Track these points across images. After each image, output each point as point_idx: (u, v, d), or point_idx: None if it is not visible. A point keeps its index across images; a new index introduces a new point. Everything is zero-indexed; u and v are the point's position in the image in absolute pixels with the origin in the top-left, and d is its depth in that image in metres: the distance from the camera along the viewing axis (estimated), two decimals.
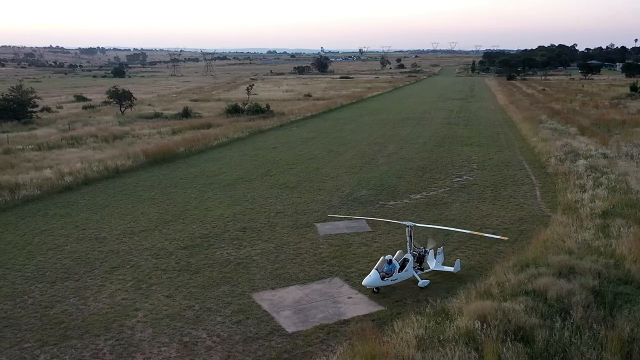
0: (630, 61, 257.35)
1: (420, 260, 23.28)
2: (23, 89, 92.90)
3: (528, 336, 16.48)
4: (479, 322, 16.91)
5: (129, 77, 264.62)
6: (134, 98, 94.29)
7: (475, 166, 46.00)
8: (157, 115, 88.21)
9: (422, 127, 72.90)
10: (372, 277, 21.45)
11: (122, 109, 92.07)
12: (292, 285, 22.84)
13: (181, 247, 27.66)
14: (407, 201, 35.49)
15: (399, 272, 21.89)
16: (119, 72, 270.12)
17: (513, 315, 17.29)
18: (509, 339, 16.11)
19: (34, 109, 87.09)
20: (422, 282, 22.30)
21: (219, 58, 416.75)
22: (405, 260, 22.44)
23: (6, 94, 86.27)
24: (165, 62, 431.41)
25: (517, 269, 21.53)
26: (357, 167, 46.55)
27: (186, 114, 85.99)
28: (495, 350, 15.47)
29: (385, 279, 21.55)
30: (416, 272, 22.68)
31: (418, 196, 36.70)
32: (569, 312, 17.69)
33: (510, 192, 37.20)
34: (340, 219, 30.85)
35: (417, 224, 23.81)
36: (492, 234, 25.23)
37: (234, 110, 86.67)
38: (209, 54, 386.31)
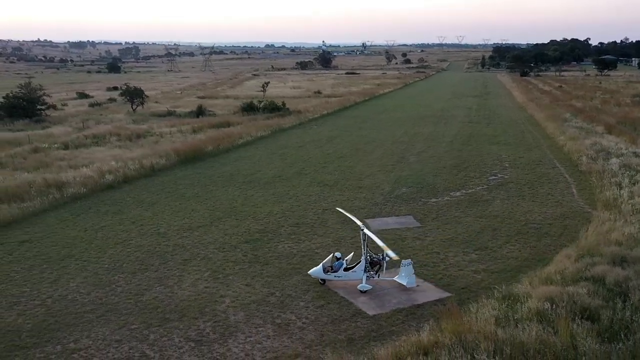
0: None
1: (374, 265, 24.22)
2: (32, 86, 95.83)
3: (593, 315, 19.46)
4: (548, 304, 19.89)
5: (125, 72, 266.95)
6: (145, 96, 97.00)
7: (507, 164, 48.98)
8: (170, 114, 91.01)
9: (443, 125, 75.87)
10: (316, 269, 24.33)
11: (134, 106, 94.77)
12: None
13: (242, 241, 30.56)
14: (448, 198, 38.44)
15: (344, 271, 24.12)
16: (113, 67, 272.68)
17: (578, 298, 20.30)
18: (577, 318, 19.08)
19: (43, 107, 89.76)
20: (361, 286, 23.65)
21: (215, 52, 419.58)
22: (359, 263, 24.24)
23: (16, 92, 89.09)
24: (159, 56, 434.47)
25: (573, 259, 24.51)
26: (390, 166, 49.48)
27: (200, 112, 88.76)
28: (567, 326, 18.40)
29: (329, 273, 24.07)
30: (368, 276, 23.88)
31: (458, 194, 39.66)
32: (628, 295, 20.69)
33: (547, 189, 40.18)
34: None
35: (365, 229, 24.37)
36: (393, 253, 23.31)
37: (250, 108, 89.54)
38: (207, 48, 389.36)
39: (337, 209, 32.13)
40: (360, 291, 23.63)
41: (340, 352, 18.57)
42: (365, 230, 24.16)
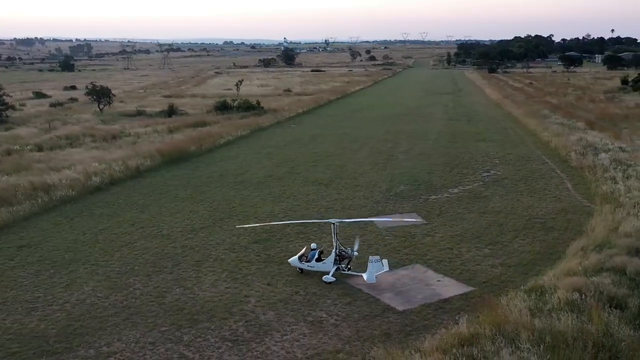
0: (610, 53, 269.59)
1: (343, 258, 25.63)
2: None
3: (621, 304, 20.73)
4: (577, 294, 21.06)
5: (79, 70, 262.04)
6: (112, 95, 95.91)
7: (497, 161, 50.56)
8: (139, 113, 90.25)
9: (424, 123, 77.39)
10: (293, 258, 26.39)
11: (101, 106, 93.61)
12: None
13: (251, 241, 31.00)
14: (448, 195, 39.61)
15: (316, 261, 25.74)
16: (67, 65, 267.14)
17: (604, 287, 21.56)
18: (606, 306, 20.29)
19: (2, 107, 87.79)
20: (326, 277, 25.22)
21: (172, 50, 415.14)
22: (330, 255, 25.83)
23: None
24: (113, 54, 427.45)
25: (588, 251, 25.85)
26: (381, 164, 50.47)
27: (172, 111, 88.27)
28: (599, 314, 19.56)
29: (303, 262, 25.95)
30: (337, 269, 25.43)
31: (456, 190, 40.88)
32: None
33: (543, 185, 41.76)
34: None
35: (342, 220, 26.83)
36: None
37: (223, 107, 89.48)
38: (166, 45, 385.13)
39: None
40: (325, 282, 25.05)
41: (381, 346, 19.27)
42: (336, 224, 25.78)
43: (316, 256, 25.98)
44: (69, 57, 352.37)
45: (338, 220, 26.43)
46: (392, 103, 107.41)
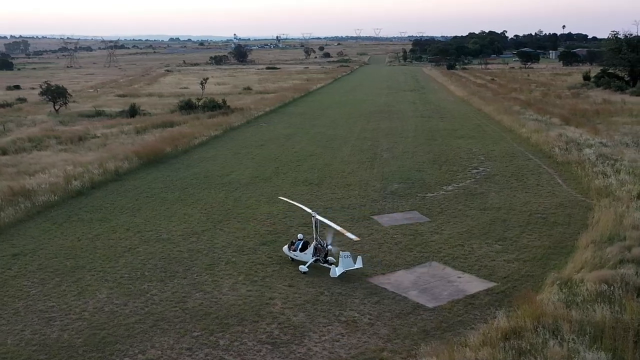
0: (565, 49, 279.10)
1: (319, 251, 27.18)
2: None
3: None
4: (605, 285, 22.21)
5: (19, 69, 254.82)
6: (69, 95, 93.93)
7: (482, 158, 52.05)
8: (99, 114, 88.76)
9: (398, 120, 78.71)
10: (285, 246, 28.79)
11: (56, 107, 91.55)
12: (398, 270, 27.27)
13: (259, 243, 31.23)
14: (444, 193, 40.67)
15: (300, 251, 27.69)
16: (5, 64, 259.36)
17: (630, 279, 22.79)
18: (635, 296, 21.48)
19: None
20: (301, 267, 27.14)
21: (116, 47, 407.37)
22: (312, 245, 27.41)
23: None
24: (53, 51, 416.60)
25: (600, 244, 27.16)
26: (367, 163, 51.27)
27: (134, 111, 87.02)
28: (631, 304, 20.71)
29: (290, 250, 28.13)
30: (316, 261, 27.05)
31: (450, 188, 41.99)
32: None
33: (534, 181, 43.30)
34: None
35: (317, 215, 27.91)
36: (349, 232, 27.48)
37: (188, 107, 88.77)
38: (111, 42, 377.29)
39: (280, 197, 35.54)
40: (300, 271, 26.93)
41: (428, 343, 19.92)
42: (318, 217, 27.57)
43: (300, 246, 27.82)
44: (5, 55, 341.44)
45: (317, 214, 27.98)
46: (358, 101, 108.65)
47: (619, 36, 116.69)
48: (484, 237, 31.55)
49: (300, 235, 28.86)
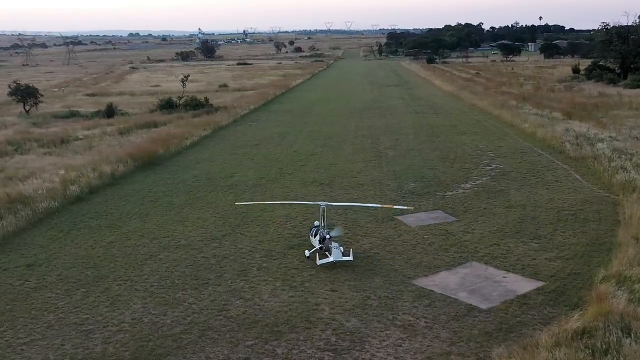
0: (545, 42, 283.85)
1: (322, 240, 29.13)
2: None
3: None
4: None
5: None
6: (40, 95, 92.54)
7: (492, 155, 52.86)
8: (73, 115, 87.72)
9: (392, 117, 79.37)
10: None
11: (27, 108, 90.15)
12: (440, 271, 27.65)
13: (287, 247, 31.33)
14: (463, 191, 41.24)
15: (313, 237, 30.25)
16: None
17: None
18: None
19: None
20: (306, 251, 29.87)
21: (74, 43, 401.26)
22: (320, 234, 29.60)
23: None
24: (5, 48, 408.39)
25: None
26: (374, 161, 51.68)
27: (111, 112, 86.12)
28: None
29: (310, 235, 30.88)
30: (321, 248, 29.07)
31: (468, 186, 42.61)
32: None
33: (552, 177, 44.16)
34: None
35: (331, 204, 31.53)
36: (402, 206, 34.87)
37: (169, 106, 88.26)
38: (70, 38, 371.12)
39: (237, 203, 38.67)
40: (306, 256, 29.53)
41: (502, 346, 20.32)
42: (324, 206, 30.06)
43: (314, 232, 30.19)
44: None
45: (326, 203, 30.48)
46: (344, 97, 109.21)
47: (609, 28, 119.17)
48: (517, 235, 32.12)
49: (316, 223, 30.57)
